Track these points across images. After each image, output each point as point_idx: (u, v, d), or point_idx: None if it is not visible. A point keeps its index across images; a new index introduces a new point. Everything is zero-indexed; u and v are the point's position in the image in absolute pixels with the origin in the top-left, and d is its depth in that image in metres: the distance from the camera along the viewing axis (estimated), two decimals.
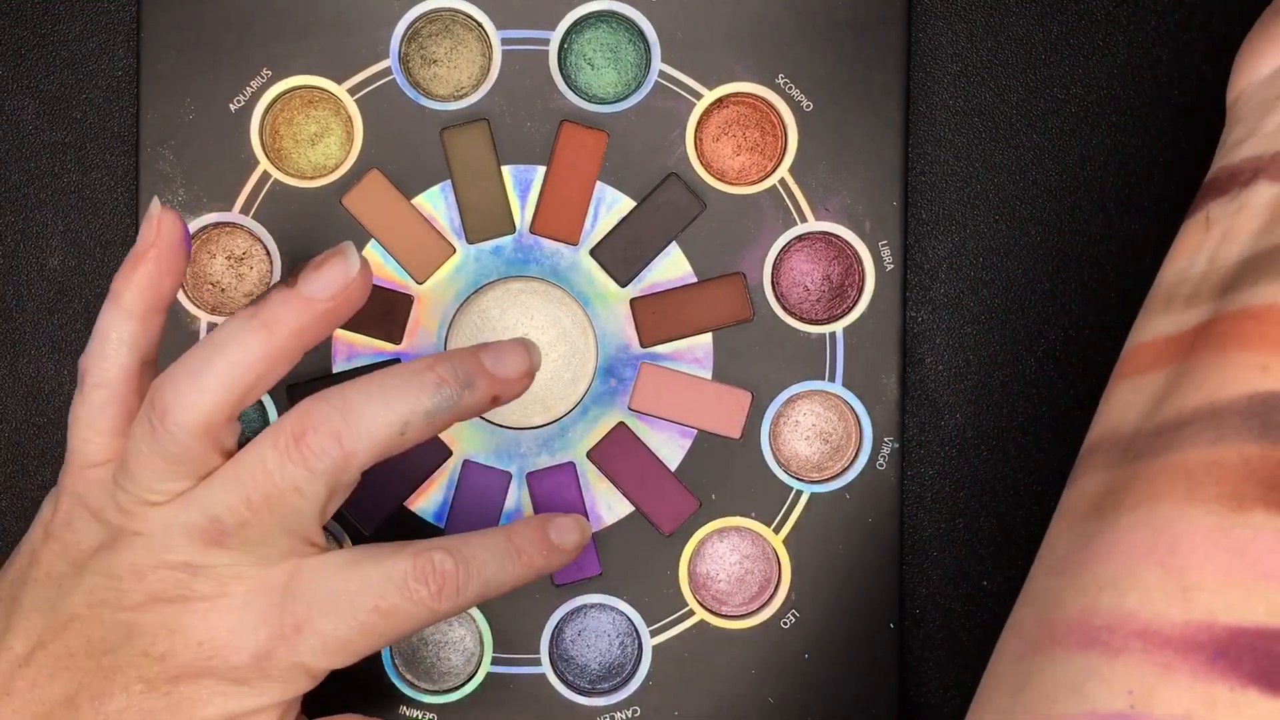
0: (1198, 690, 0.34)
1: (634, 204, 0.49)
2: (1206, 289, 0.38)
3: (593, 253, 0.49)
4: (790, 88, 0.49)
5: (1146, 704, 0.34)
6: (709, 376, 0.49)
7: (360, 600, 0.41)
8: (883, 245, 0.49)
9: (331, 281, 0.42)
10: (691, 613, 0.49)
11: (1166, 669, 0.34)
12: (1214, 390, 0.36)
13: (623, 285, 0.49)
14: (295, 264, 0.49)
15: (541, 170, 0.49)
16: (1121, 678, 0.35)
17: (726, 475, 0.49)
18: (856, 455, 0.49)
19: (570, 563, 0.45)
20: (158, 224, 0.43)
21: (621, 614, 0.49)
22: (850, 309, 0.49)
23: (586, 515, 0.49)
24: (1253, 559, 0.34)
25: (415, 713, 0.49)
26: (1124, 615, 0.35)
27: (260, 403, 0.49)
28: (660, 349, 0.49)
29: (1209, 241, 0.39)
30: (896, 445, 0.49)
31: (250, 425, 0.49)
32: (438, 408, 0.41)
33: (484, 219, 0.49)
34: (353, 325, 0.49)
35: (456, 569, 0.42)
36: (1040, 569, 0.38)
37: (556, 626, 0.49)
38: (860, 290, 0.49)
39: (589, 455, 0.49)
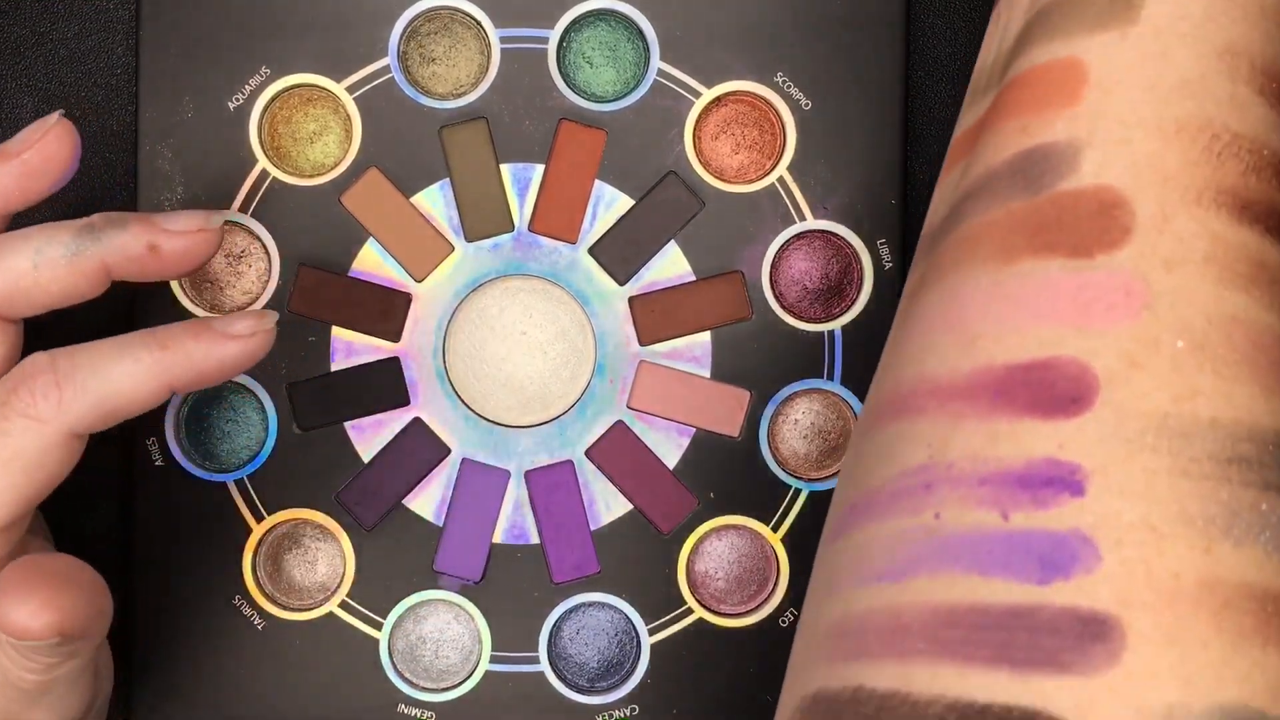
0: (983, 428, 0.35)
1: (632, 202, 0.49)
2: (995, 75, 0.39)
3: (591, 251, 0.49)
4: (789, 86, 0.49)
5: (942, 451, 0.36)
6: (707, 375, 0.49)
7: None
8: (881, 244, 0.49)
9: (27, 135, 0.41)
10: (690, 611, 0.49)
11: (957, 417, 0.36)
12: (987, 160, 0.38)
13: (621, 284, 0.49)
14: (294, 263, 0.49)
15: (540, 168, 0.49)
16: (922, 434, 0.36)
17: (725, 474, 0.49)
18: None
19: (252, 354, 0.40)
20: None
21: (620, 612, 0.49)
22: (849, 308, 0.49)
23: (585, 515, 0.49)
24: (1023, 302, 0.36)
25: (414, 711, 0.49)
26: (922, 379, 0.37)
27: (258, 400, 0.49)
28: (658, 347, 0.49)
29: (996, 31, 0.40)
30: None
31: (249, 425, 0.49)
32: (79, 245, 0.39)
33: (482, 217, 0.49)
34: (351, 323, 0.49)
35: (53, 362, 0.39)
36: (876, 371, 0.40)
37: (555, 625, 0.49)
38: (859, 289, 0.49)
39: (587, 454, 0.49)
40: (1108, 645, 0.33)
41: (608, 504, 0.49)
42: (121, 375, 0.39)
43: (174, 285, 0.49)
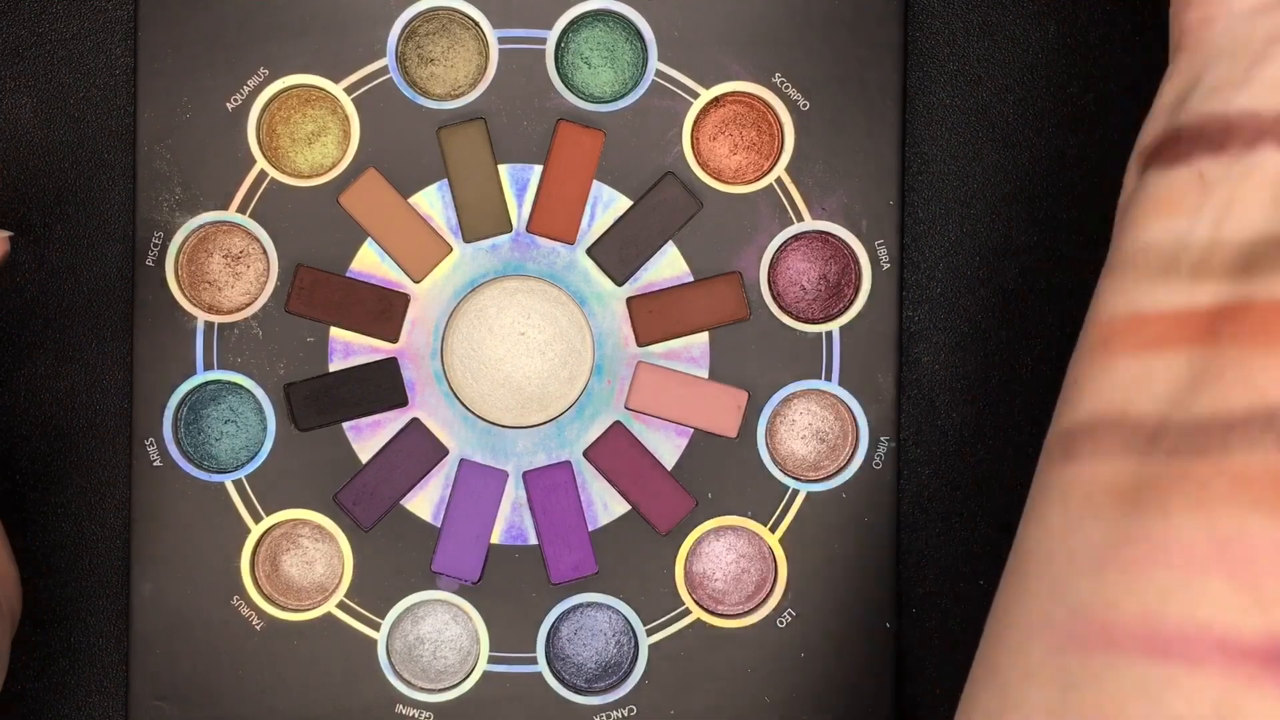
0: None
1: (630, 203, 0.49)
2: (1217, 263, 0.36)
3: (589, 251, 0.49)
4: (787, 87, 0.49)
5: (1234, 718, 0.34)
6: (705, 376, 0.49)
7: None
8: (879, 244, 0.49)
9: None
10: (688, 612, 0.49)
11: (1251, 681, 0.34)
12: (1265, 390, 0.35)
13: (619, 284, 0.49)
14: (292, 263, 0.49)
15: (538, 169, 0.49)
16: (1203, 690, 0.34)
17: (723, 474, 0.49)
18: (853, 454, 0.49)
19: None
20: None
21: (618, 613, 0.49)
22: (847, 308, 0.49)
23: (583, 516, 0.49)
24: None
25: (412, 711, 0.49)
26: (1198, 626, 0.34)
27: (256, 400, 0.49)
28: (656, 348, 0.49)
29: (1209, 206, 0.37)
30: (893, 444, 0.49)
31: (247, 425, 0.49)
32: None
33: (481, 218, 0.49)
34: (349, 323, 0.49)
35: None
36: (1060, 559, 0.37)
37: (553, 625, 0.49)
38: (857, 289, 0.49)
39: (585, 454, 0.49)
40: None
41: (606, 504, 0.49)
42: None
43: (173, 287, 0.49)
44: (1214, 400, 0.35)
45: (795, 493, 0.49)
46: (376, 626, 0.49)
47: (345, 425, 0.49)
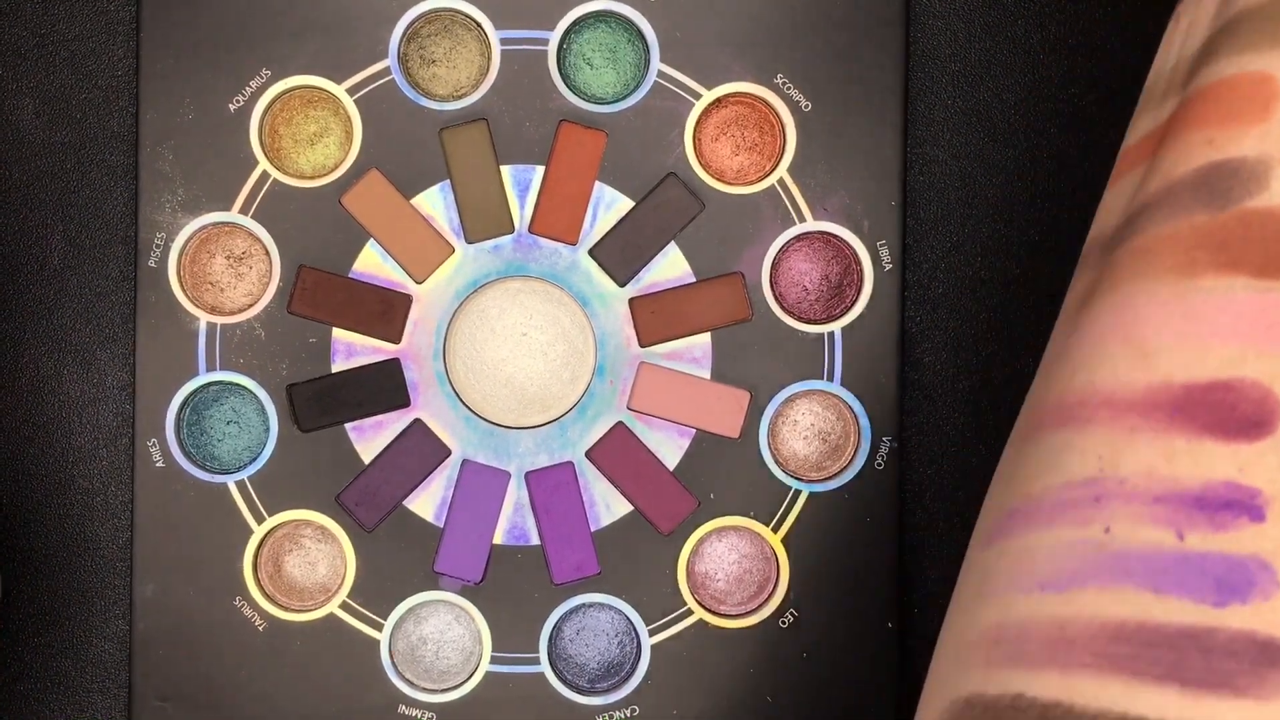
0: (1158, 445, 0.35)
1: (633, 204, 0.49)
2: (1176, 81, 0.39)
3: (591, 252, 0.49)
4: (789, 88, 0.49)
5: (1114, 465, 0.36)
6: (708, 376, 0.49)
7: None
8: (881, 245, 0.49)
9: None
10: (690, 612, 0.49)
11: (1131, 431, 0.36)
12: (1169, 171, 0.37)
13: (621, 285, 0.49)
14: (295, 264, 0.49)
15: (540, 170, 0.49)
16: (1092, 446, 0.36)
17: (725, 475, 0.49)
18: (855, 454, 0.49)
19: None
20: None
21: (620, 613, 0.49)
22: (849, 308, 0.49)
23: (586, 516, 0.49)
24: (1204, 319, 0.36)
25: (415, 712, 0.49)
26: (1093, 389, 0.37)
27: (259, 401, 0.49)
28: (659, 349, 0.49)
29: (1178, 36, 0.40)
30: (895, 444, 0.49)
31: (250, 426, 0.49)
32: None
33: (483, 219, 0.49)
34: (352, 324, 0.49)
35: None
36: (1038, 374, 0.40)
37: (555, 625, 0.49)
38: (859, 290, 0.49)
39: (588, 455, 0.49)
40: None
41: (608, 505, 0.49)
42: None
43: (175, 288, 0.49)
44: (1140, 196, 0.38)
45: (797, 493, 0.49)
46: (379, 627, 0.49)
47: (348, 426, 0.49)
